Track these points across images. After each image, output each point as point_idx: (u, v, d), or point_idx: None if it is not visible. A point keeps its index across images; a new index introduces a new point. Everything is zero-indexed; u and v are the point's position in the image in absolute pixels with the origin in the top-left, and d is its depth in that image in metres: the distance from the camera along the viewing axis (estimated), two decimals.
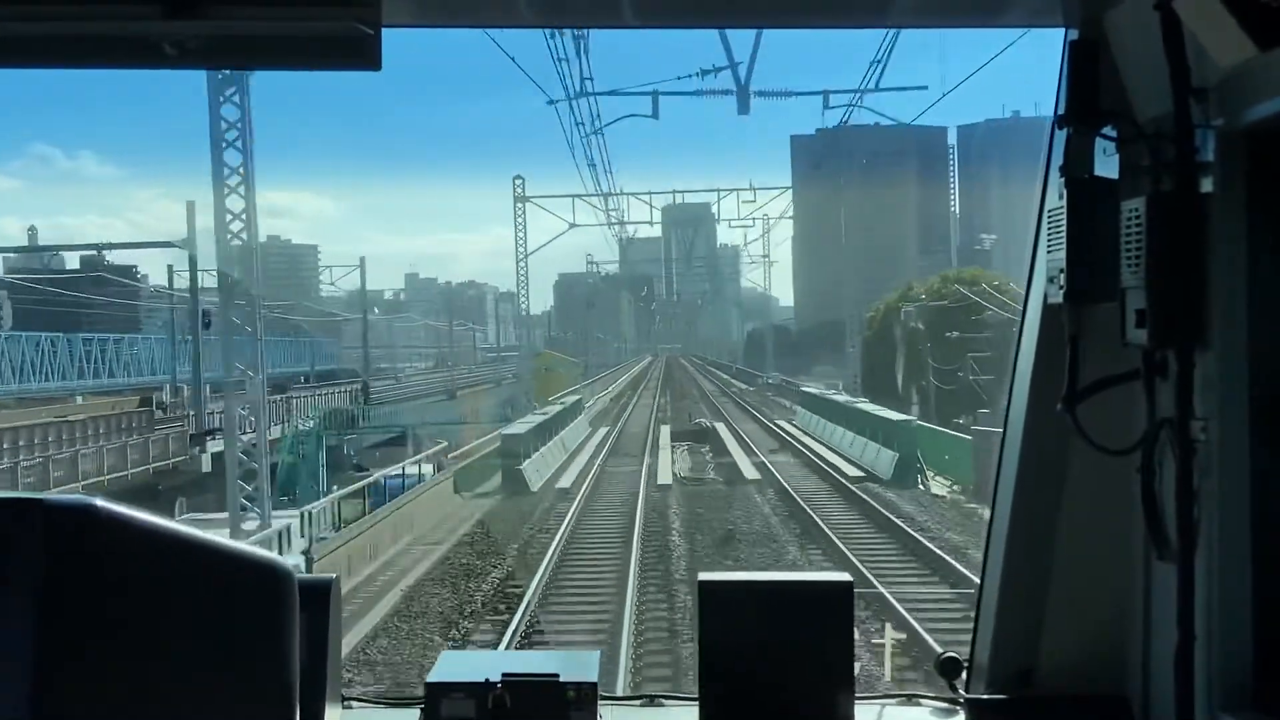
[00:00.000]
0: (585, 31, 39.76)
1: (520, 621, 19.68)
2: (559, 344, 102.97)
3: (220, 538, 2.34)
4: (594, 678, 3.07)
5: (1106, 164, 2.94)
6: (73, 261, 72.77)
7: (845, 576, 3.26)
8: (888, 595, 19.98)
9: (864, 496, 31.61)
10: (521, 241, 69.72)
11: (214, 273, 32.21)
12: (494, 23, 3.54)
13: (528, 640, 19.08)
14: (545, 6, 3.32)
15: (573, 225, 70.41)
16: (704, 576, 3.26)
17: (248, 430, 30.78)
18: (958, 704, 3.36)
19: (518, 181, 69.31)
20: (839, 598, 3.18)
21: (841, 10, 3.36)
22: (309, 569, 20.19)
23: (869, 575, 21.05)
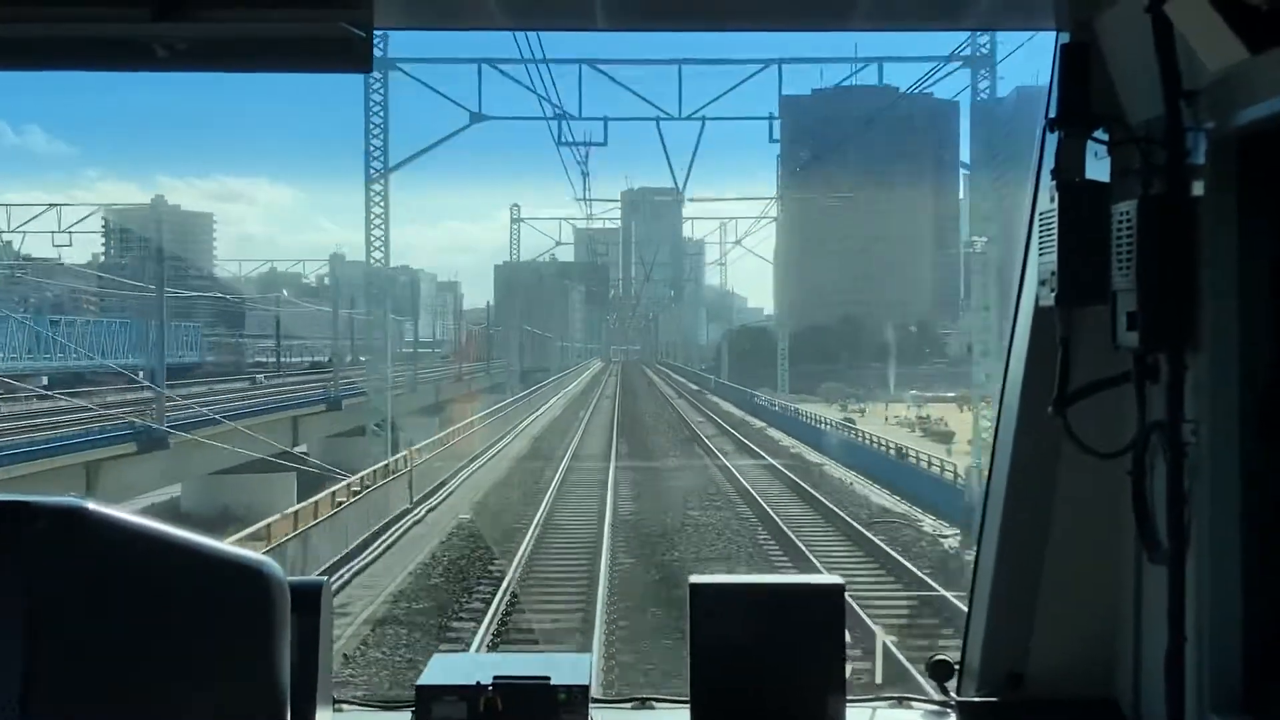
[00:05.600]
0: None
1: None
2: (495, 342, 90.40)
3: (212, 540, 2.42)
4: (585, 680, 3.21)
5: (1098, 167, 3.12)
6: None
7: (837, 579, 3.41)
8: None
9: None
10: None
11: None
12: (481, 25, 3.74)
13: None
14: (525, 9, 3.57)
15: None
16: (695, 579, 3.38)
17: None
18: (949, 706, 3.51)
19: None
20: (830, 600, 3.33)
21: (831, 13, 3.53)
22: None
23: None
